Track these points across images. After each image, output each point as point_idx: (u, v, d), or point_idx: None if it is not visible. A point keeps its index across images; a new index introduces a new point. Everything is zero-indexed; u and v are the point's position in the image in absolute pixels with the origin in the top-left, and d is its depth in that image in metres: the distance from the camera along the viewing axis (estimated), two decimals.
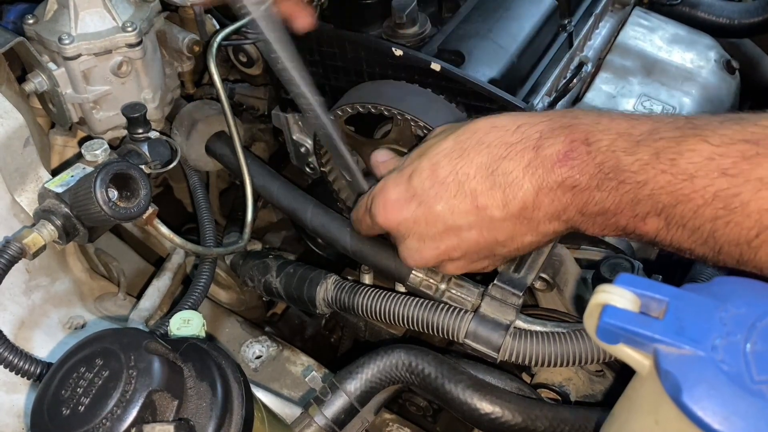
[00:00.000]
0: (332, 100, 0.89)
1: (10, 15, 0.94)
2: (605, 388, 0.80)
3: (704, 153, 0.50)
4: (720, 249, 0.51)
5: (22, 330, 0.82)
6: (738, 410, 0.37)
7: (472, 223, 0.63)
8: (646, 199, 0.53)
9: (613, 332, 0.42)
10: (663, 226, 0.54)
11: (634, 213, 0.55)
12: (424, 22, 0.86)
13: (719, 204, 0.49)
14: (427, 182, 0.64)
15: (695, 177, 0.50)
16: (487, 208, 0.61)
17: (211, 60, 0.86)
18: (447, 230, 0.64)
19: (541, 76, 0.88)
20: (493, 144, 0.61)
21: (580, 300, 0.79)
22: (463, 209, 0.62)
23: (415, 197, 0.65)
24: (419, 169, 0.65)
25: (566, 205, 0.58)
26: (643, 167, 0.53)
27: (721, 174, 0.49)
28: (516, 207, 0.60)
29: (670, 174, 0.51)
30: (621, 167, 0.54)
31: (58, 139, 0.95)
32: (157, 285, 0.95)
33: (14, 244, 0.72)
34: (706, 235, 0.51)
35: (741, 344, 0.39)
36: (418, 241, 0.67)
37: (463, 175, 0.62)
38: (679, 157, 0.51)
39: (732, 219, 0.49)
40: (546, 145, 0.58)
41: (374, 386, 0.74)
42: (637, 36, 1.01)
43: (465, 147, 0.62)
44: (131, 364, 0.50)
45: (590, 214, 0.57)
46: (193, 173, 1.02)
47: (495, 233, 0.63)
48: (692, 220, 0.51)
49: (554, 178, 0.57)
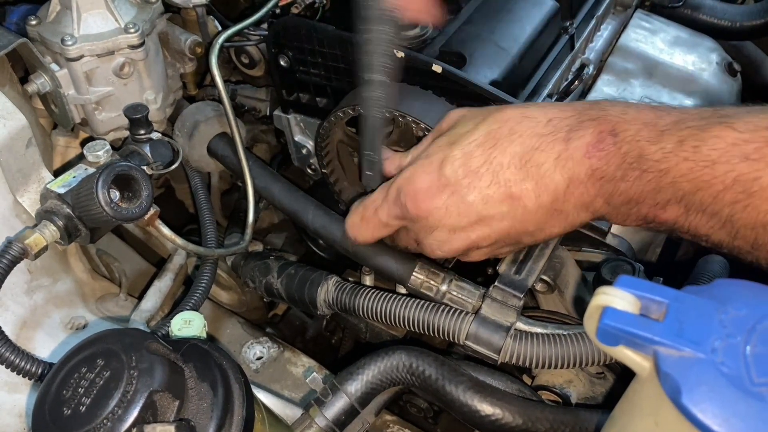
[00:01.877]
0: (334, 101, 0.89)
1: (13, 16, 0.94)
2: (606, 390, 0.80)
3: (728, 139, 0.51)
4: (737, 233, 0.52)
5: (24, 330, 0.82)
6: (738, 412, 0.37)
7: (504, 213, 0.63)
8: (667, 186, 0.54)
9: (613, 334, 0.42)
10: (682, 213, 0.55)
11: (656, 201, 0.56)
12: (425, 24, 0.86)
13: (739, 188, 0.50)
14: (461, 171, 0.63)
15: (717, 163, 0.51)
16: (521, 198, 0.61)
17: (213, 61, 0.87)
18: (479, 220, 0.64)
19: (542, 78, 0.88)
20: (526, 134, 0.61)
21: (581, 302, 0.79)
22: (497, 199, 0.62)
23: (448, 186, 0.63)
24: (451, 157, 0.64)
25: (594, 196, 0.59)
26: (665, 156, 0.54)
27: (743, 159, 0.50)
28: (548, 199, 0.60)
29: (692, 161, 0.52)
30: (644, 156, 0.55)
31: (60, 139, 0.96)
32: (158, 286, 0.95)
33: (16, 244, 0.72)
34: (724, 220, 0.52)
35: (741, 346, 0.39)
36: (449, 231, 0.66)
37: (497, 165, 0.61)
38: (702, 144, 0.52)
39: (750, 203, 0.50)
40: (575, 137, 0.59)
41: (375, 387, 0.74)
42: (638, 38, 1.01)
43: (498, 137, 0.62)
44: (132, 364, 0.50)
45: (615, 204, 0.59)
46: (194, 174, 1.03)
47: (526, 224, 0.63)
48: (711, 206, 0.52)
49: (584, 170, 0.58)
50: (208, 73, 1.07)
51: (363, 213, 0.72)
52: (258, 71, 1.06)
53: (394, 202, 0.68)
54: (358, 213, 0.73)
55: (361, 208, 0.73)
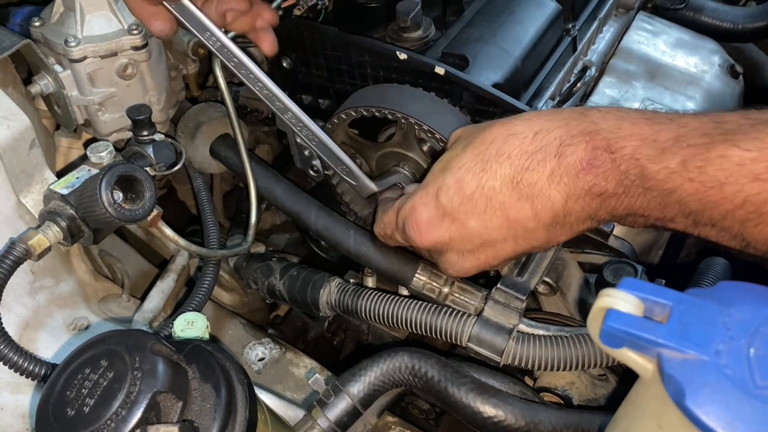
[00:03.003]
0: (336, 103, 0.90)
1: (16, 17, 0.95)
2: (608, 392, 0.80)
3: (734, 159, 0.49)
4: (747, 244, 0.51)
5: (27, 331, 0.82)
6: (741, 414, 0.37)
7: (506, 236, 0.62)
8: (673, 204, 0.53)
9: (616, 336, 0.42)
10: (691, 224, 0.54)
11: (662, 215, 0.55)
12: (428, 26, 0.86)
13: (750, 208, 0.49)
14: (456, 199, 0.62)
15: (725, 184, 0.49)
16: (519, 220, 0.60)
17: (216, 63, 0.87)
18: (483, 244, 0.64)
19: (545, 80, 0.88)
20: (514, 154, 0.60)
21: (583, 304, 0.79)
22: (496, 224, 0.62)
23: (447, 215, 0.64)
24: (444, 186, 0.63)
25: (596, 209, 0.58)
26: (669, 176, 0.52)
27: (753, 179, 0.48)
28: (547, 217, 0.60)
29: (698, 182, 0.51)
30: (647, 175, 0.54)
31: (63, 140, 0.96)
32: (160, 287, 0.96)
33: (20, 245, 0.72)
34: (734, 233, 0.51)
35: (744, 349, 0.39)
36: (457, 254, 0.67)
37: (489, 189, 0.61)
38: (707, 164, 0.50)
39: (762, 220, 0.49)
40: (567, 153, 0.57)
41: (377, 389, 0.74)
42: (641, 40, 1.01)
43: (486, 158, 0.61)
44: (136, 365, 0.50)
45: (619, 215, 0.58)
46: (197, 175, 1.03)
47: (530, 240, 0.63)
48: (721, 221, 0.51)
49: (581, 186, 0.57)
50: (211, 75, 1.07)
51: (383, 233, 0.75)
52: None
53: (402, 232, 0.69)
54: (380, 229, 0.75)
55: (381, 226, 0.75)
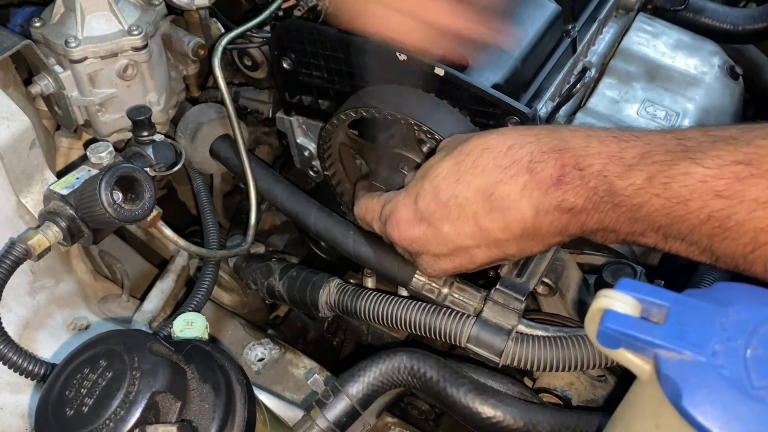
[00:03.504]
0: (336, 104, 0.90)
1: (17, 18, 0.95)
2: (607, 393, 0.80)
3: (697, 176, 0.51)
4: (717, 258, 0.53)
5: (27, 331, 0.82)
6: (738, 415, 0.37)
7: (479, 243, 0.64)
8: (642, 218, 0.55)
9: (613, 337, 0.42)
10: (661, 239, 0.55)
11: (632, 230, 0.57)
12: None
13: (715, 223, 0.50)
14: (432, 205, 0.65)
15: (689, 200, 0.51)
16: (490, 230, 0.63)
17: (216, 63, 0.87)
18: (457, 249, 0.66)
19: (544, 81, 0.88)
20: (488, 168, 0.62)
21: (582, 305, 0.79)
22: (468, 232, 0.64)
23: (423, 219, 0.66)
24: (422, 191, 0.66)
25: (566, 223, 0.60)
26: (637, 191, 0.54)
27: (715, 196, 0.50)
28: (517, 229, 0.61)
29: (664, 198, 0.52)
30: (615, 191, 0.55)
31: (63, 141, 0.96)
32: (160, 287, 0.96)
33: (19, 245, 0.72)
34: (703, 247, 0.53)
35: (741, 350, 0.39)
36: (433, 257, 0.69)
37: (463, 199, 0.63)
38: (671, 181, 0.52)
39: (728, 236, 0.50)
40: (539, 169, 0.59)
41: (376, 389, 0.74)
42: (640, 41, 1.01)
43: (461, 170, 0.64)
44: (135, 365, 0.50)
45: (590, 231, 0.59)
46: (197, 176, 1.03)
47: (503, 249, 0.65)
48: (689, 236, 0.53)
49: (550, 201, 0.59)
50: (211, 75, 1.07)
51: (362, 216, 0.76)
52: (261, 73, 1.06)
53: (384, 225, 0.71)
54: (360, 211, 0.77)
55: (363, 210, 0.76)
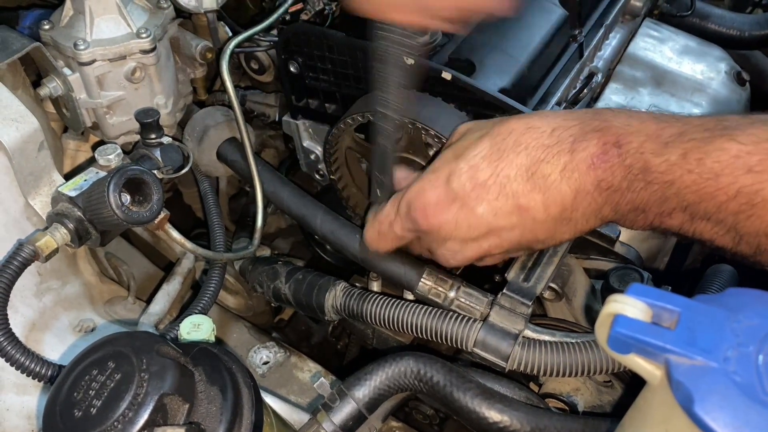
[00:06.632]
0: (343, 108, 0.90)
1: (26, 20, 0.95)
2: (613, 398, 0.79)
3: (731, 151, 0.52)
4: (740, 239, 0.54)
5: (33, 332, 0.82)
6: (750, 421, 0.37)
7: (514, 224, 0.64)
8: (672, 197, 0.55)
9: (624, 342, 0.42)
10: (687, 219, 0.56)
11: (661, 210, 0.57)
12: (435, 31, 0.86)
13: (742, 199, 0.51)
14: (468, 184, 0.63)
15: (720, 175, 0.52)
16: (529, 209, 0.62)
17: (224, 67, 0.87)
18: (489, 232, 0.65)
19: (551, 86, 0.88)
20: (531, 146, 0.62)
21: (589, 310, 0.79)
22: (506, 211, 0.63)
23: (456, 200, 0.64)
24: (457, 171, 0.64)
25: (602, 204, 0.60)
26: (670, 167, 0.55)
27: (747, 171, 0.51)
28: (556, 210, 0.61)
29: (696, 173, 0.53)
30: (649, 168, 0.56)
31: (70, 143, 0.96)
32: (166, 289, 0.96)
33: (27, 246, 0.72)
34: (728, 227, 0.54)
35: (753, 356, 0.39)
36: (460, 243, 0.67)
37: (504, 177, 0.62)
38: (705, 157, 0.53)
39: (754, 213, 0.51)
40: (580, 149, 0.59)
41: (383, 393, 0.74)
42: (647, 47, 1.01)
43: (503, 148, 0.63)
44: (143, 367, 0.50)
45: (622, 212, 0.60)
46: (203, 179, 1.03)
47: (536, 233, 0.64)
48: (715, 215, 0.54)
49: (590, 181, 0.59)
50: (218, 79, 1.08)
51: (379, 228, 0.74)
52: (267, 77, 1.07)
53: (406, 216, 0.69)
54: (374, 228, 0.75)
55: (376, 223, 0.74)
